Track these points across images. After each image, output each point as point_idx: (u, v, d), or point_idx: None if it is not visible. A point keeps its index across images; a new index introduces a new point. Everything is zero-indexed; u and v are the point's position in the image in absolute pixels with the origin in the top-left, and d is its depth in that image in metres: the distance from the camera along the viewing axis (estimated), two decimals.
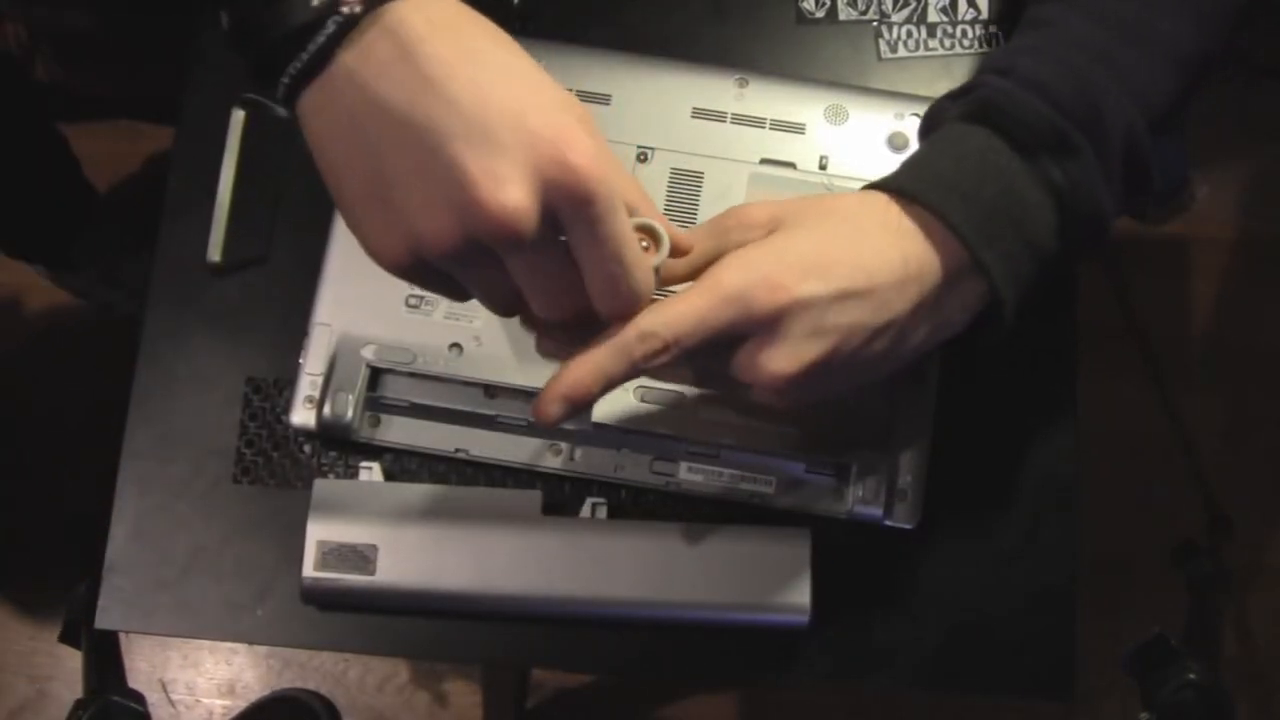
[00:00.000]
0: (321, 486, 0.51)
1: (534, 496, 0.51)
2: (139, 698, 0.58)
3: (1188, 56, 0.48)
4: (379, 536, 0.50)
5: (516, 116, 0.36)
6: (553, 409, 0.42)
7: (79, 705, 0.57)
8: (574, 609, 0.51)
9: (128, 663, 0.59)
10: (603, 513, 0.52)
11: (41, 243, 1.14)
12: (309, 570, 0.50)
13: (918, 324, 0.44)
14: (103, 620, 0.53)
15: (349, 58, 0.37)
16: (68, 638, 0.58)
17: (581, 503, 0.53)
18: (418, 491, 0.52)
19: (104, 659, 0.59)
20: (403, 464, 0.54)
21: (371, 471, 0.53)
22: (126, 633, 0.55)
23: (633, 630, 0.52)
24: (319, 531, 0.50)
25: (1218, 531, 1.15)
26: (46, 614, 1.16)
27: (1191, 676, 0.58)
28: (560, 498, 0.53)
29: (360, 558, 0.50)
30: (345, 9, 0.36)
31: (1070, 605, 0.53)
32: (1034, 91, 0.45)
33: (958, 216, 0.43)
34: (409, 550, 0.51)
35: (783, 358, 0.42)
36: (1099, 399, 0.49)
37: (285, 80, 0.38)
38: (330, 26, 0.36)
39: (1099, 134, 0.45)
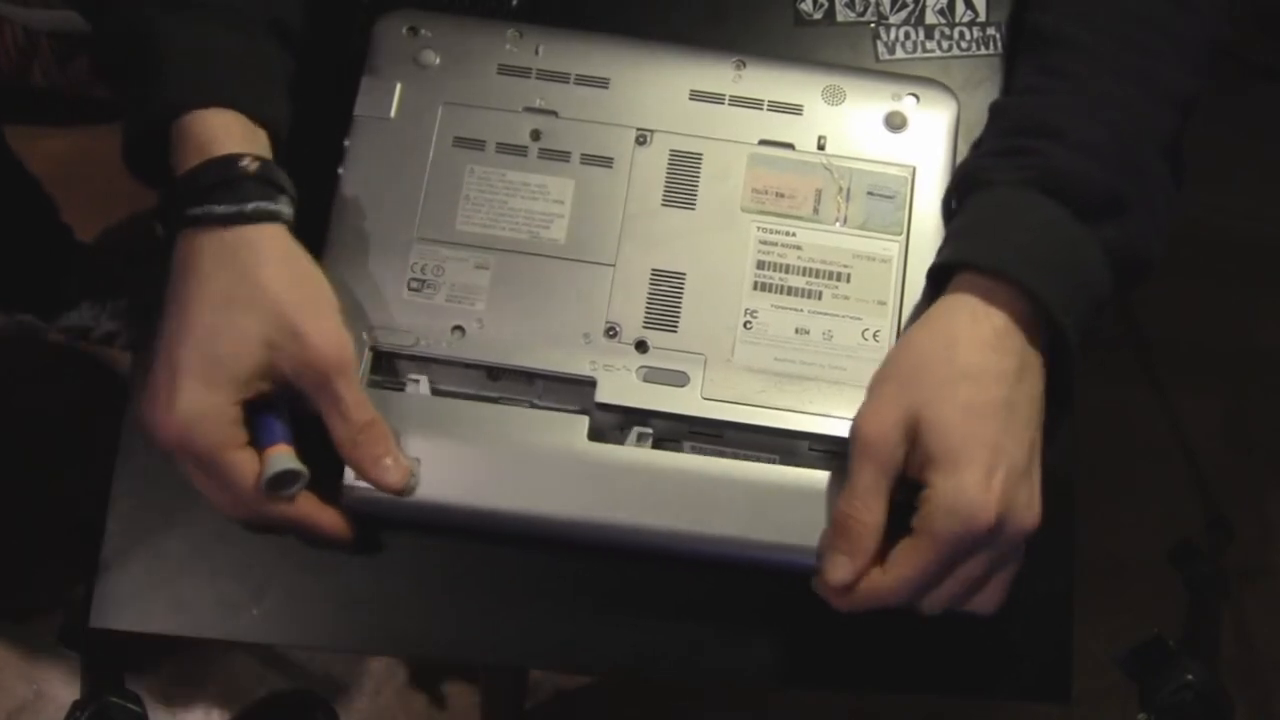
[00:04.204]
0: (369, 396, 0.51)
1: (580, 421, 0.51)
2: (136, 698, 0.58)
3: (1187, 100, 0.51)
4: (421, 450, 0.50)
5: (175, 374, 0.46)
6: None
7: (77, 706, 0.57)
8: (614, 537, 0.50)
9: (124, 663, 0.59)
10: (648, 443, 0.52)
11: (26, 288, 1.14)
12: (349, 479, 0.50)
13: (1030, 380, 0.49)
14: (98, 619, 0.53)
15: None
16: (66, 638, 0.58)
17: (628, 431, 0.52)
18: (463, 408, 0.51)
19: (101, 659, 0.59)
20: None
21: (419, 385, 0.52)
22: (123, 632, 0.55)
23: (648, 614, 0.52)
24: None
25: (1216, 533, 1.15)
26: (44, 615, 1.16)
27: (1189, 677, 0.58)
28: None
29: None
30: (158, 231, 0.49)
31: (1068, 607, 0.53)
32: (1088, 156, 0.49)
33: (1043, 290, 0.47)
34: (450, 466, 0.50)
35: (1030, 509, 0.47)
36: (1098, 400, 0.49)
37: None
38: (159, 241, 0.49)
39: (1144, 189, 0.49)
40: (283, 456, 0.48)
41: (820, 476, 0.51)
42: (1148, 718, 0.58)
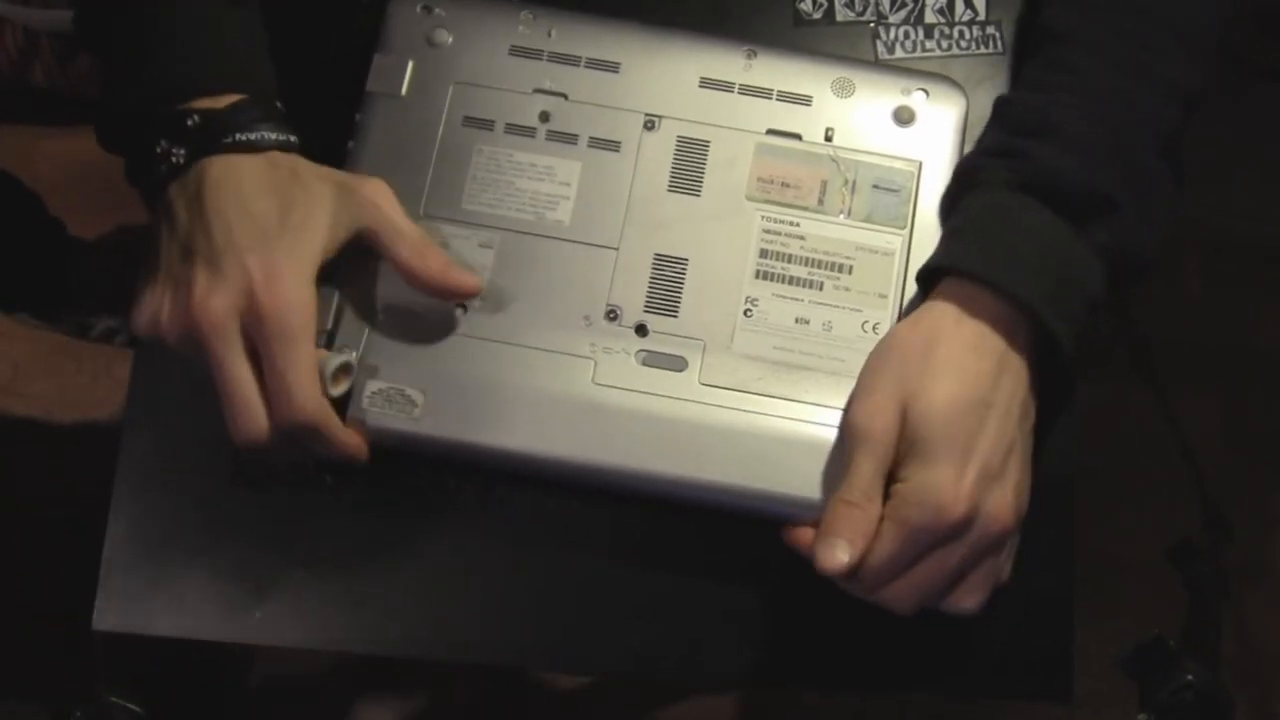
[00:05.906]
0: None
1: (587, 365, 0.52)
2: (136, 698, 0.58)
3: (1188, 95, 0.51)
4: (429, 383, 0.51)
5: (240, 253, 0.46)
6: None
7: (77, 705, 0.57)
8: (613, 480, 0.51)
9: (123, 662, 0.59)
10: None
11: (22, 286, 1.13)
12: (354, 412, 0.51)
13: (1010, 382, 0.49)
14: (100, 620, 0.53)
15: (173, 187, 0.49)
16: (68, 639, 0.58)
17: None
18: (473, 346, 0.52)
19: (102, 660, 0.59)
20: None
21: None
22: (124, 633, 0.55)
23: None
24: (371, 370, 0.51)
25: (1214, 532, 1.15)
26: (45, 614, 1.16)
27: (1190, 678, 0.58)
28: None
29: (407, 401, 0.51)
30: (174, 159, 0.48)
31: (1069, 607, 0.53)
32: (1076, 155, 0.49)
33: (1028, 295, 0.48)
34: (456, 401, 0.51)
35: (1002, 508, 0.47)
36: (1098, 400, 0.49)
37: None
38: (162, 169, 0.49)
39: (1138, 187, 0.49)
40: (335, 355, 0.50)
41: (822, 431, 0.51)
42: (1148, 718, 0.58)
